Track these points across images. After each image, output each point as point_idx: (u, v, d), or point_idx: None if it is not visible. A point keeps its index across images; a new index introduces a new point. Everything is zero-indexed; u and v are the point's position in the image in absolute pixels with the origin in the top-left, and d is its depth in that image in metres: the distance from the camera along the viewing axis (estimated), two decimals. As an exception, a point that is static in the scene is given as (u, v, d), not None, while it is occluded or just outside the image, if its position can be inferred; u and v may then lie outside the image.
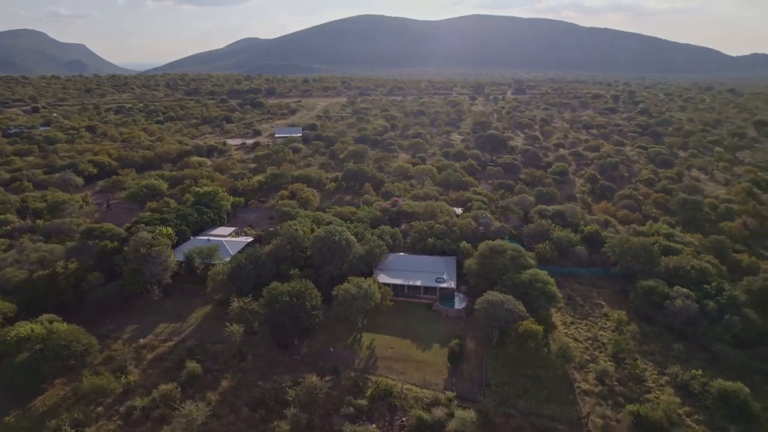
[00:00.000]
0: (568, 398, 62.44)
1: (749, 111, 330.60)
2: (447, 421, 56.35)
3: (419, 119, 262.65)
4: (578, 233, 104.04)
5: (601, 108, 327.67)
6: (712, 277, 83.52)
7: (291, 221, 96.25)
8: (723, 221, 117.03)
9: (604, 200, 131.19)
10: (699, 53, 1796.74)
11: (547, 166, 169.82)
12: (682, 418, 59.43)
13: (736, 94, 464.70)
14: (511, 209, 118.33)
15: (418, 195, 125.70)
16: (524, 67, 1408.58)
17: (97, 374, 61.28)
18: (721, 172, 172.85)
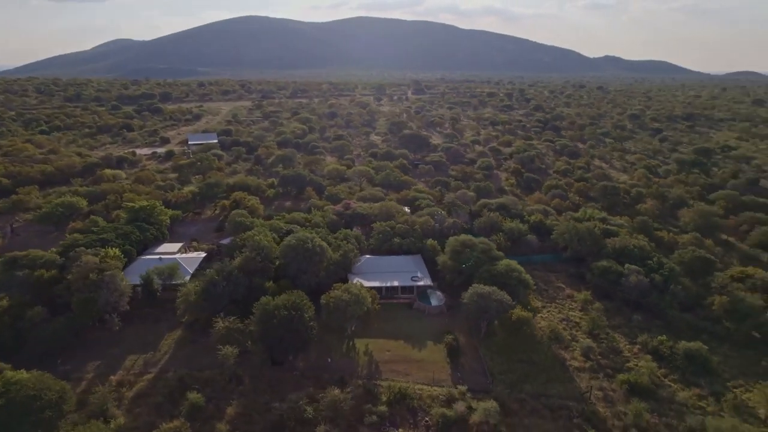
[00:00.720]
0: (565, 376, 66.77)
1: (620, 106, 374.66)
2: (468, 415, 57.44)
3: (334, 121, 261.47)
4: (525, 223, 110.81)
5: (499, 106, 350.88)
6: (651, 253, 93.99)
7: (250, 232, 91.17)
8: (636, 204, 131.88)
9: (537, 191, 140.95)
10: (563, 54, 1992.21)
11: (470, 163, 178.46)
12: (662, 380, 66.41)
13: (605, 91, 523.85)
14: (458, 205, 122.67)
15: (364, 197, 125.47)
16: (412, 68, 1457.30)
17: (79, 424, 53.43)
18: (617, 161, 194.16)
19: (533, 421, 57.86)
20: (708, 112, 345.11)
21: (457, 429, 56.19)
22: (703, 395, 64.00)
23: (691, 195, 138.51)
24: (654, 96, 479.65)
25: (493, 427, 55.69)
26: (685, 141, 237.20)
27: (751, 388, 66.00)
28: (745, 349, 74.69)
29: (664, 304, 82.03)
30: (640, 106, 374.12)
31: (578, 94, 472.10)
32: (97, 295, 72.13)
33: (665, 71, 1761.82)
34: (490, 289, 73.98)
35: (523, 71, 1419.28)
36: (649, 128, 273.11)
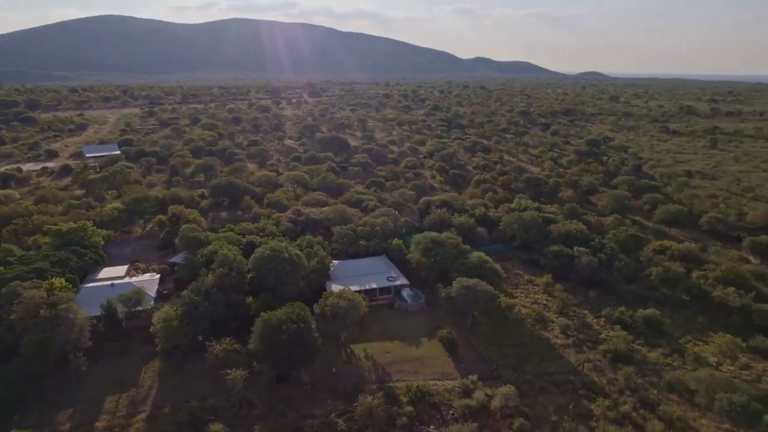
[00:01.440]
0: (555, 354, 72.08)
1: (507, 104, 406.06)
2: (488, 402, 59.80)
3: (241, 126, 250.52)
4: (471, 217, 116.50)
5: (398, 107, 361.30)
6: (590, 235, 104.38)
7: (212, 246, 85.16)
8: (557, 193, 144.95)
9: (471, 187, 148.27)
10: (438, 56, 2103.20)
11: (394, 162, 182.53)
12: (632, 345, 74.51)
13: (488, 91, 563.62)
14: (402, 204, 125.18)
15: (309, 201, 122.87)
16: (295, 70, 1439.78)
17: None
18: (522, 155, 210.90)
19: (545, 398, 61.87)
20: (580, 108, 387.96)
21: (481, 416, 58.28)
22: (667, 353, 73.07)
23: (598, 182, 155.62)
24: (531, 94, 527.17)
25: (514, 409, 58.60)
26: (572, 134, 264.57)
27: (698, 342, 76.75)
28: (681, 311, 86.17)
29: (613, 279, 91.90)
30: (523, 103, 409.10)
31: (465, 93, 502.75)
32: (53, 333, 62.93)
33: (529, 71, 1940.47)
34: (475, 281, 77.30)
35: (402, 72, 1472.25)
36: (538, 123, 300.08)
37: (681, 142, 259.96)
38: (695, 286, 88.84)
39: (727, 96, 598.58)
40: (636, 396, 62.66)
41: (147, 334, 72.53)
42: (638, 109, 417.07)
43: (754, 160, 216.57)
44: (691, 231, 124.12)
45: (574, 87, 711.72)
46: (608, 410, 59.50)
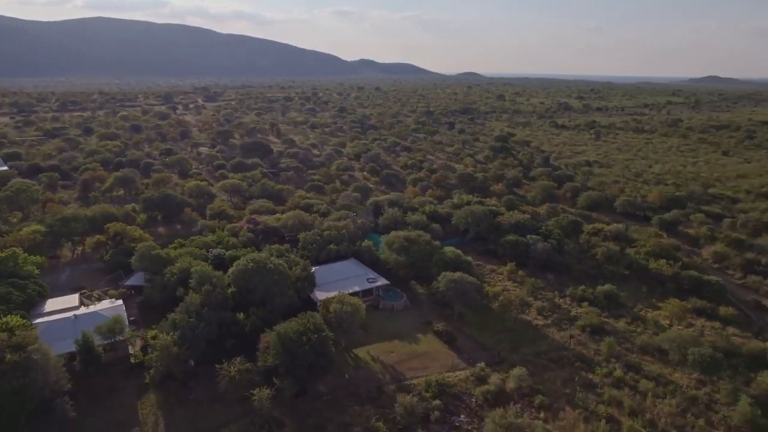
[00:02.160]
0: (541, 334, 77.94)
1: (407, 105, 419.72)
2: (504, 385, 63.35)
3: (144, 134, 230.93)
4: (423, 215, 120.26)
5: (304, 109, 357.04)
6: (537, 224, 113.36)
7: (181, 263, 79.05)
8: (488, 187, 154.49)
9: (411, 186, 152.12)
10: (324, 58, 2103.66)
11: (323, 165, 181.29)
12: (600, 318, 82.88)
13: (383, 92, 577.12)
14: (354, 206, 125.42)
15: (256, 210, 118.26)
16: (174, 74, 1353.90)
17: None
18: (440, 153, 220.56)
19: (549, 374, 66.92)
20: (475, 107, 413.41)
21: (501, 399, 61.54)
22: (629, 322, 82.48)
23: (520, 175, 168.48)
24: (425, 94, 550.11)
25: (528, 388, 62.78)
26: (476, 131, 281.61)
27: (648, 309, 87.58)
28: (625, 284, 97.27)
29: (566, 261, 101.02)
30: (422, 103, 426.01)
31: (364, 95, 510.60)
32: (27, 380, 54.78)
33: (412, 72, 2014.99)
34: (459, 274, 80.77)
35: (289, 75, 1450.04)
36: (443, 122, 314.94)
37: (570, 136, 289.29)
38: (634, 261, 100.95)
39: (590, 93, 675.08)
40: (621, 362, 70.27)
41: (128, 366, 66.38)
42: (523, 106, 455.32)
43: (632, 149, 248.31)
44: (608, 214, 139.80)
45: (461, 87, 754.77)
46: (605, 377, 66.13)
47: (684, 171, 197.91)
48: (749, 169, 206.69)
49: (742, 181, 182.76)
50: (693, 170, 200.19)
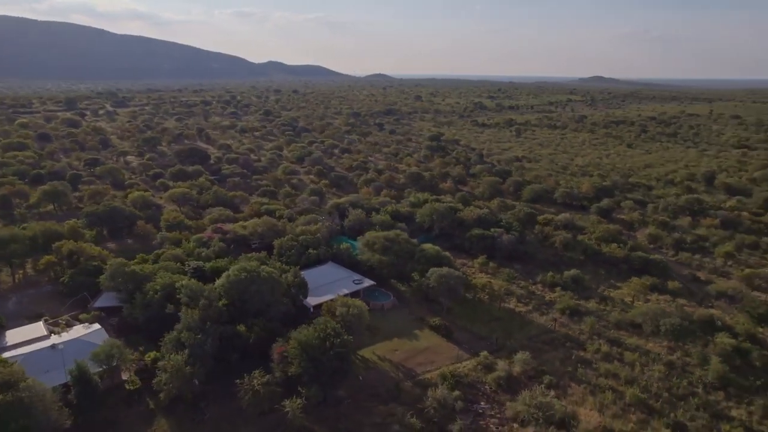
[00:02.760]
0: (526, 320, 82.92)
1: (332, 107, 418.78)
2: (511, 370, 67.03)
3: (58, 143, 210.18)
4: (387, 214, 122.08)
5: (226, 113, 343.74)
6: (497, 217, 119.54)
7: (161, 279, 74.43)
8: (436, 185, 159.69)
9: (366, 186, 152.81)
10: (231, 60, 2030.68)
11: (265, 170, 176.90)
12: (574, 301, 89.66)
13: (300, 94, 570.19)
14: (314, 210, 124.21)
15: (216, 218, 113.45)
16: (63, 76, 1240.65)
17: None
18: (378, 153, 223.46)
19: (547, 356, 71.62)
20: (396, 107, 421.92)
21: (512, 383, 65.15)
22: (598, 302, 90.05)
23: (464, 172, 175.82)
24: (344, 96, 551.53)
25: (533, 370, 66.98)
26: (406, 132, 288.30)
27: (610, 289, 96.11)
28: (583, 268, 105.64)
29: (529, 251, 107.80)
30: (345, 105, 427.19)
31: (284, 98, 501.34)
32: (30, 420, 49.53)
33: (322, 74, 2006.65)
34: (446, 270, 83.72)
35: (193, 78, 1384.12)
36: (371, 124, 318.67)
37: (493, 133, 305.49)
38: (588, 246, 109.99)
39: (499, 93, 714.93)
40: (602, 338, 76.93)
41: (125, 394, 61.81)
42: (441, 106, 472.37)
43: (552, 144, 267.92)
44: (549, 205, 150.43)
45: (377, 88, 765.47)
46: (595, 353, 72.17)
47: (602, 163, 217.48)
48: (652, 159, 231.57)
49: (650, 171, 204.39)
50: (609, 162, 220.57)
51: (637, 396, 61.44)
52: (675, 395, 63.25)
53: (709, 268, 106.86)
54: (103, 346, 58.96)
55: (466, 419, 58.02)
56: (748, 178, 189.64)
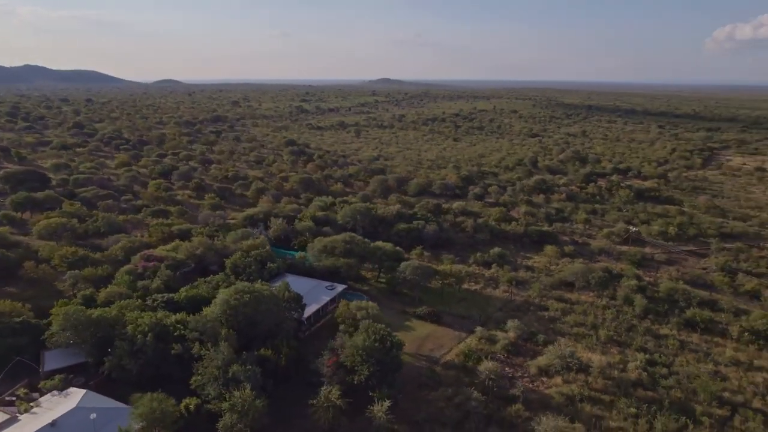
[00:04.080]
0: (487, 295, 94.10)
1: (150, 117, 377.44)
2: (508, 336, 76.97)
3: None
4: (309, 219, 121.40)
5: (18, 128, 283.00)
6: (411, 211, 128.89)
7: (145, 321, 64.71)
8: (328, 188, 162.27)
9: (265, 195, 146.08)
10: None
11: (128, 189, 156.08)
12: (511, 273, 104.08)
13: (94, 103, 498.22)
14: (232, 224, 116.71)
15: (129, 247, 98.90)
16: None
17: None
18: (240, 162, 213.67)
19: (523, 321, 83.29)
20: (222, 114, 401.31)
21: (516, 347, 75.11)
22: (525, 271, 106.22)
23: (344, 173, 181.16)
24: (153, 104, 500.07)
25: (526, 333, 77.98)
26: (252, 138, 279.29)
27: (526, 258, 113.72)
28: (494, 245, 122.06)
29: (450, 237, 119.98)
30: (162, 114, 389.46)
31: (81, 107, 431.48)
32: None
33: (100, 80, 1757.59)
34: (415, 262, 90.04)
35: None
36: (207, 131, 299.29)
37: (333, 135, 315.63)
38: (493, 227, 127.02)
39: (309, 96, 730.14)
40: (549, 298, 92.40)
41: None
42: (262, 111, 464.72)
43: (392, 142, 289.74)
44: (430, 196, 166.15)
45: (182, 95, 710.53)
46: (556, 312, 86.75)
47: (446, 156, 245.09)
48: (481, 150, 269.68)
49: (486, 159, 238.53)
50: (451, 155, 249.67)
51: (608, 335, 77.23)
52: (624, 328, 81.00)
53: (578, 233, 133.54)
54: (143, 404, 50.21)
55: (504, 383, 65.73)
56: (558, 160, 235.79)
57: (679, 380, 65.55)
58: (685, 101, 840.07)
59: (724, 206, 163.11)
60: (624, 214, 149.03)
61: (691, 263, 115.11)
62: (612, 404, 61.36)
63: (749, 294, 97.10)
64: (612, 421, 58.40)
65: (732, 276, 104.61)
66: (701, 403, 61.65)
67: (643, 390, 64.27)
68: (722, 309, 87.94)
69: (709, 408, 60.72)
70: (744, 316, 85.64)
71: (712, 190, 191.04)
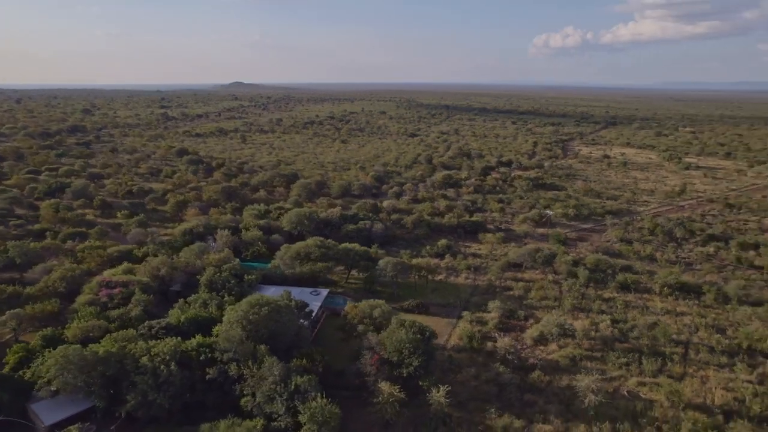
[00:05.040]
0: (452, 284, 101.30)
1: None
2: (493, 316, 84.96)
3: None
4: (255, 229, 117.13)
5: None
6: (352, 212, 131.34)
7: (164, 347, 59.46)
8: (251, 195, 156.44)
9: (192, 208, 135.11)
10: None
11: (10, 213, 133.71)
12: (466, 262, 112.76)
13: None
14: (172, 240, 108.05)
15: (70, 276, 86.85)
16: None
17: None
18: (137, 176, 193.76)
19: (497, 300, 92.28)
20: (80, 124, 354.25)
21: (502, 325, 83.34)
22: (474, 258, 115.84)
23: (265, 179, 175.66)
24: None
25: (506, 312, 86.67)
26: (134, 149, 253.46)
27: (467, 246, 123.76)
28: (434, 238, 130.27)
29: (395, 233, 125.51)
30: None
31: None
32: None
33: None
34: (394, 259, 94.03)
35: None
36: (68, 143, 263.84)
37: (218, 142, 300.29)
38: (430, 222, 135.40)
39: (167, 102, 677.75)
40: (508, 278, 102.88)
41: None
42: (123, 119, 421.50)
43: (284, 147, 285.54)
44: (351, 197, 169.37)
45: (8, 102, 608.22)
46: (518, 290, 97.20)
47: (344, 157, 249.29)
48: (375, 150, 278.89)
49: (382, 159, 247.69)
50: (347, 156, 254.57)
51: (573, 303, 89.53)
52: (577, 297, 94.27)
53: (498, 221, 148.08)
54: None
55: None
56: (449, 156, 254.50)
57: (641, 331, 79.20)
58: (523, 100, 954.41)
59: (596, 189, 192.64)
60: (526, 201, 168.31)
61: (595, 238, 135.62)
62: (603, 358, 72.43)
63: (648, 258, 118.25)
64: (611, 371, 69.19)
65: (629, 244, 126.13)
66: (664, 345, 75.67)
67: (620, 343, 76.71)
68: (638, 272, 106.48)
69: (671, 348, 74.98)
70: (655, 275, 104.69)
71: (580, 175, 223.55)
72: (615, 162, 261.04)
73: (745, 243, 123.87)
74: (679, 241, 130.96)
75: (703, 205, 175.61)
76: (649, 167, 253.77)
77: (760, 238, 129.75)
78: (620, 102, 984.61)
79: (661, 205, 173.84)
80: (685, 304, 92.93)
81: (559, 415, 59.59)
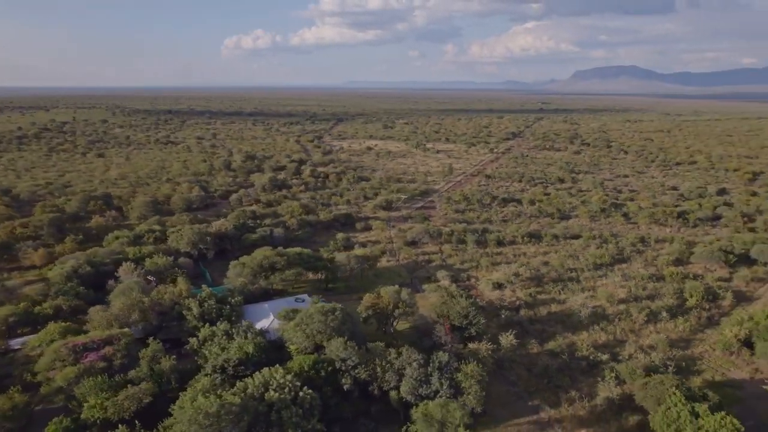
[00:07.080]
0: (390, 267, 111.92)
1: None
2: (447, 281, 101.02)
3: None
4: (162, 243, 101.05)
5: None
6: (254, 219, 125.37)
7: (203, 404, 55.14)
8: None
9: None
10: None
11: None
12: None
13: None
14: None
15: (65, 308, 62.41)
16: None
17: None
18: None
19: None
20: None
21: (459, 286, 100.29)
22: (374, 243, 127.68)
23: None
24: None
25: (453, 278, 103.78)
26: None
27: (355, 237, 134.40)
28: (322, 233, 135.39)
29: (294, 236, 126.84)
30: None
31: None
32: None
33: None
34: (348, 254, 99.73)
35: None
36: None
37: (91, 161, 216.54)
38: (310, 220, 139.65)
39: None
40: (415, 255, 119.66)
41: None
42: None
43: (34, 166, 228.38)
44: (193, 210, 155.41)
45: None
46: (443, 260, 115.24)
47: (126, 171, 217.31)
48: (154, 161, 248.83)
49: (171, 170, 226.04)
50: (128, 170, 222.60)
51: (488, 260, 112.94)
52: (480, 255, 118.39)
53: (355, 211, 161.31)
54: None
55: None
56: (241, 161, 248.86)
57: (540, 263, 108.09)
58: (236, 101, 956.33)
59: (394, 176, 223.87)
60: (356, 192, 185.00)
61: (434, 213, 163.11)
62: (548, 290, 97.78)
63: (487, 220, 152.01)
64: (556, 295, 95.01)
65: (463, 213, 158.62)
66: (557, 269, 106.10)
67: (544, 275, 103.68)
68: (496, 231, 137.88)
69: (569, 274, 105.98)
70: (506, 231, 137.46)
71: (368, 166, 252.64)
72: (381, 153, 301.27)
73: (532, 199, 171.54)
74: (488, 206, 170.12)
75: (470, 179, 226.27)
76: (407, 155, 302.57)
77: (532, 195, 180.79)
78: (326, 100, 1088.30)
79: (448, 183, 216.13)
80: (535, 246, 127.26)
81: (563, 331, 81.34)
